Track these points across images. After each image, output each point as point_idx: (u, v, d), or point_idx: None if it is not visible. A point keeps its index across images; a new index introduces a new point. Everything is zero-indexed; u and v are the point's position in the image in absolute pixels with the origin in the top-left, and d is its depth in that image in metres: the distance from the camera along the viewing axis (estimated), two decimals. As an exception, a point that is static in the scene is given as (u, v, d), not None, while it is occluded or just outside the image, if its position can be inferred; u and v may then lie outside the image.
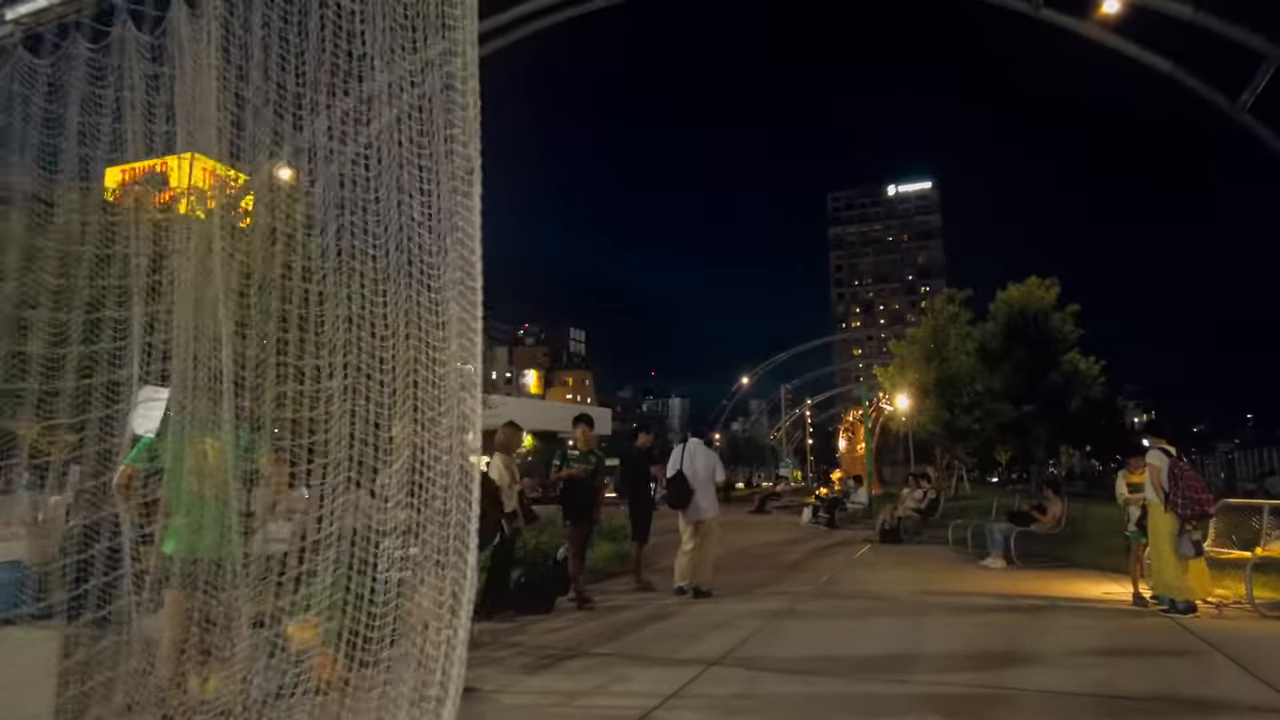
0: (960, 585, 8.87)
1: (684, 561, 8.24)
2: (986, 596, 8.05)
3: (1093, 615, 7.02)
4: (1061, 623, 6.67)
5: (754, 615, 7.07)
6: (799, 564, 11.18)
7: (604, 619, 7.03)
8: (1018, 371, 19.05)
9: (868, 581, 9.33)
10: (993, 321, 20.40)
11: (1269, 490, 24.74)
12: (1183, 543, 6.68)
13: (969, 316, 24.71)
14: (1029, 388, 19.07)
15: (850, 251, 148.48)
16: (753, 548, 13.58)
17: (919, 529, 14.98)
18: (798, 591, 8.52)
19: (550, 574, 7.72)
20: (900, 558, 11.76)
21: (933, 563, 11.11)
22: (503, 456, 7.17)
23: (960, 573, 9.99)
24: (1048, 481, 11.46)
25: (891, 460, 54.99)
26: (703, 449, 8.48)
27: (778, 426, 79.53)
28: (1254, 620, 6.66)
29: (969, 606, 7.51)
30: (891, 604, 7.77)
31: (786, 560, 11.65)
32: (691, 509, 8.25)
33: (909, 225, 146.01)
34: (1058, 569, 10.08)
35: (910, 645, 5.92)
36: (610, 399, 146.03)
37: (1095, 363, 20.05)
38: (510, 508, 6.99)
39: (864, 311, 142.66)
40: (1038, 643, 5.96)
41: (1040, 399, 19.33)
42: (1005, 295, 20.16)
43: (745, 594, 8.41)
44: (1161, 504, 6.83)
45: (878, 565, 10.96)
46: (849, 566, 10.84)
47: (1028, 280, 19.97)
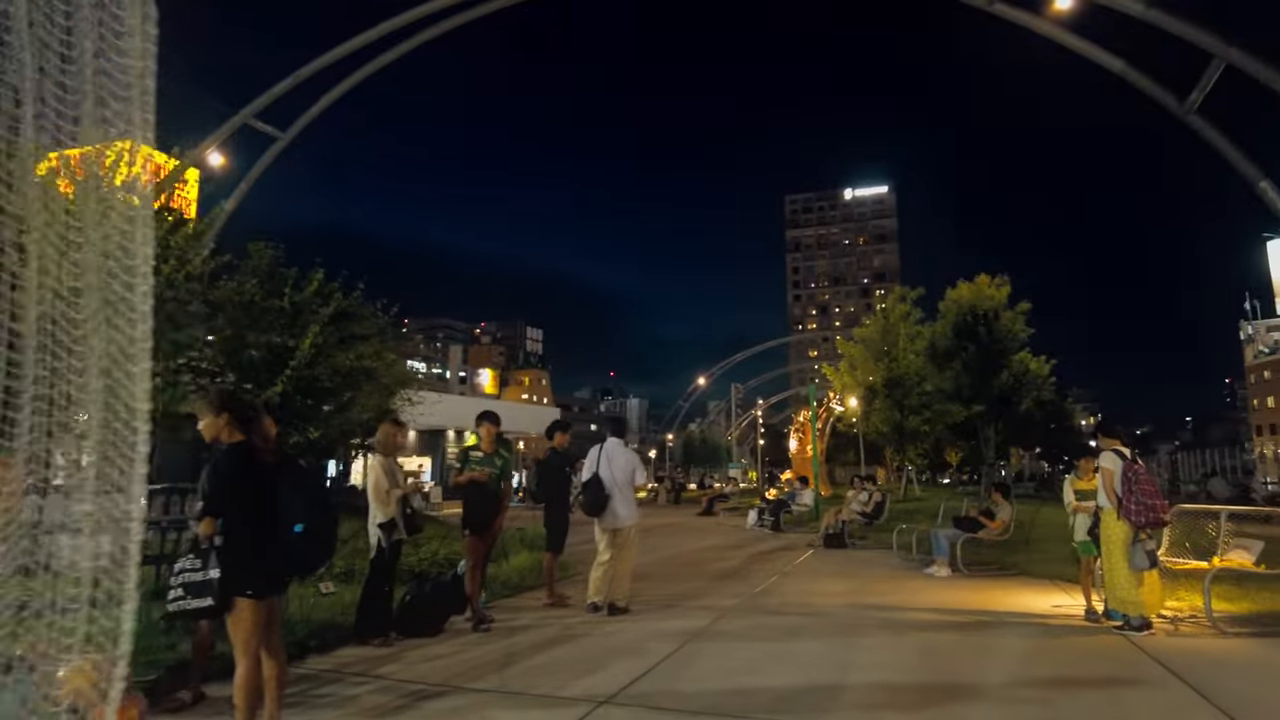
0: (902, 597, 8.19)
1: (598, 574, 7.41)
2: (929, 611, 7.37)
3: (1042, 634, 6.36)
4: (1008, 644, 6.00)
5: (669, 636, 6.28)
6: (734, 572, 10.44)
7: (498, 643, 6.16)
8: (967, 371, 18.65)
9: (804, 593, 8.61)
10: (942, 320, 20.00)
11: (1210, 492, 24.86)
12: (1136, 553, 6.06)
13: (919, 315, 24.36)
14: (979, 388, 18.70)
15: (807, 254, 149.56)
16: (690, 553, 12.83)
17: (864, 533, 14.41)
18: (725, 606, 7.75)
19: (444, 591, 6.83)
20: (842, 565, 11.11)
21: (875, 570, 10.46)
22: (383, 459, 6.25)
23: (903, 582, 9.34)
24: (995, 485, 10.88)
25: (843, 461, 54.96)
26: (621, 450, 7.65)
27: (732, 428, 79.40)
28: (1213, 638, 6.07)
29: (909, 624, 6.82)
30: (825, 621, 7.04)
31: (722, 567, 10.91)
32: (608, 516, 7.42)
33: (865, 229, 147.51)
34: (1005, 578, 9.50)
35: (838, 674, 5.18)
36: (569, 399, 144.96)
37: (1046, 362, 19.78)
38: (387, 516, 6.08)
39: (820, 314, 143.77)
40: (981, 669, 5.26)
41: (990, 399, 18.98)
42: (955, 293, 19.77)
43: (667, 609, 7.62)
44: (1115, 511, 6.21)
45: (817, 573, 10.27)
46: (786, 575, 10.13)
47: (977, 278, 19.62)
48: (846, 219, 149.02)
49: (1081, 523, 6.93)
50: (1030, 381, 19.30)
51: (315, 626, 6.11)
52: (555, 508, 8.16)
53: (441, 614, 6.71)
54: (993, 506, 10.36)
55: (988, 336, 18.49)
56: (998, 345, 18.58)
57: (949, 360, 19.22)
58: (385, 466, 6.20)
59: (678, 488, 33.56)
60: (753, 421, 69.45)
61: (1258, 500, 24.05)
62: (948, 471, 51.34)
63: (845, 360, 26.57)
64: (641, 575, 9.91)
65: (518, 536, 11.09)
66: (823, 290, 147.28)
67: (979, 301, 18.90)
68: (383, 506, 6.10)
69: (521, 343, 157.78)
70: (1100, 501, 6.42)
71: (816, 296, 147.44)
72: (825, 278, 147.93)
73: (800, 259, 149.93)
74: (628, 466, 7.51)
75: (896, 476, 32.82)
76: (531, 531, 11.13)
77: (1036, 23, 14.11)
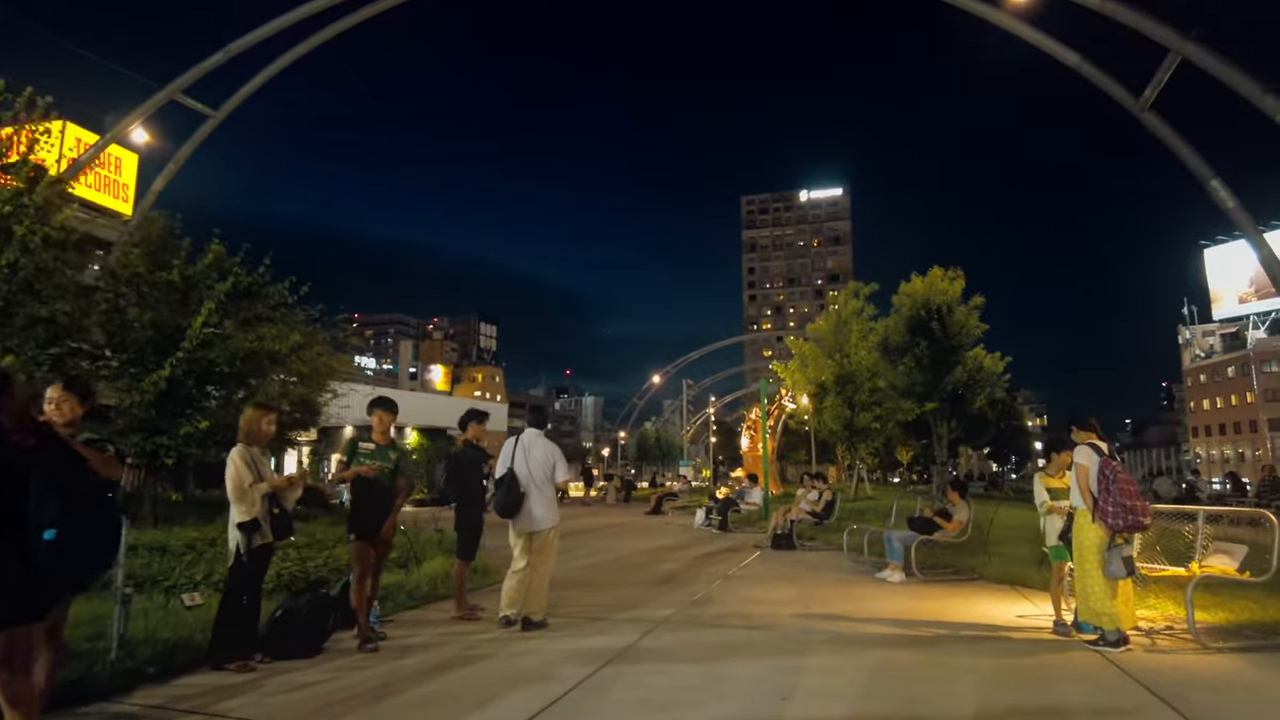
0: (852, 606, 7.43)
1: (512, 585, 6.49)
2: (882, 623, 6.61)
3: (1008, 651, 5.62)
4: (971, 665, 5.24)
5: (586, 658, 5.39)
6: (674, 577, 9.59)
7: (380, 667, 5.20)
8: (920, 367, 18.12)
9: (746, 602, 7.80)
10: (895, 315, 19.44)
11: (1157, 491, 24.82)
12: (1112, 560, 5.36)
13: (872, 312, 23.87)
14: (932, 384, 18.18)
15: (763, 254, 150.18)
16: (631, 555, 11.96)
17: (814, 533, 13.72)
18: (658, 618, 6.89)
19: (325, 605, 5.85)
20: (789, 568, 10.36)
21: (824, 575, 9.73)
22: (243, 448, 5.24)
23: (854, 588, 8.60)
24: (952, 484, 10.20)
25: (796, 460, 54.74)
26: (541, 442, 6.73)
27: (684, 426, 78.88)
28: (1197, 654, 5.40)
29: (860, 639, 6.03)
30: (767, 635, 6.23)
31: (662, 571, 10.05)
32: (523, 518, 6.51)
33: (820, 231, 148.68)
34: (963, 583, 8.83)
35: (775, 706, 4.34)
36: (523, 396, 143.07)
37: (1000, 359, 19.36)
38: (248, 515, 5.08)
39: (775, 314, 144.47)
40: (943, 696, 4.48)
41: (943, 396, 18.48)
42: (908, 288, 19.20)
43: (591, 622, 6.74)
44: (1090, 513, 5.51)
45: (763, 578, 9.48)
46: (729, 580, 9.32)
47: (931, 272, 19.10)
48: (802, 220, 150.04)
49: (1054, 525, 6.23)
50: (984, 378, 18.88)
51: (162, 647, 5.07)
52: (467, 509, 7.20)
53: (321, 632, 5.73)
54: (949, 507, 9.69)
55: (941, 332, 17.99)
56: (951, 341, 18.09)
57: (901, 356, 18.68)
58: (245, 456, 5.19)
59: (627, 486, 32.72)
60: (708, 420, 69.02)
61: (1203, 499, 24.09)
62: (898, 470, 51.50)
63: (797, 358, 25.95)
64: (573, 582, 9.04)
65: (437, 539, 10.09)
66: (778, 290, 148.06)
67: (932, 296, 18.38)
68: (242, 504, 5.09)
69: (475, 339, 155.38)
70: (1074, 502, 5.71)
71: (772, 297, 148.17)
72: (780, 278, 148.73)
73: (756, 259, 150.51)
74: (546, 461, 6.59)
75: (848, 475, 32.41)
76: (452, 535, 10.15)
77: (995, 15, 13.63)
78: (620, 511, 25.59)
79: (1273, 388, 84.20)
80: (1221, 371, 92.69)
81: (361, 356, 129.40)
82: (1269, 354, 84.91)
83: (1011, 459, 71.38)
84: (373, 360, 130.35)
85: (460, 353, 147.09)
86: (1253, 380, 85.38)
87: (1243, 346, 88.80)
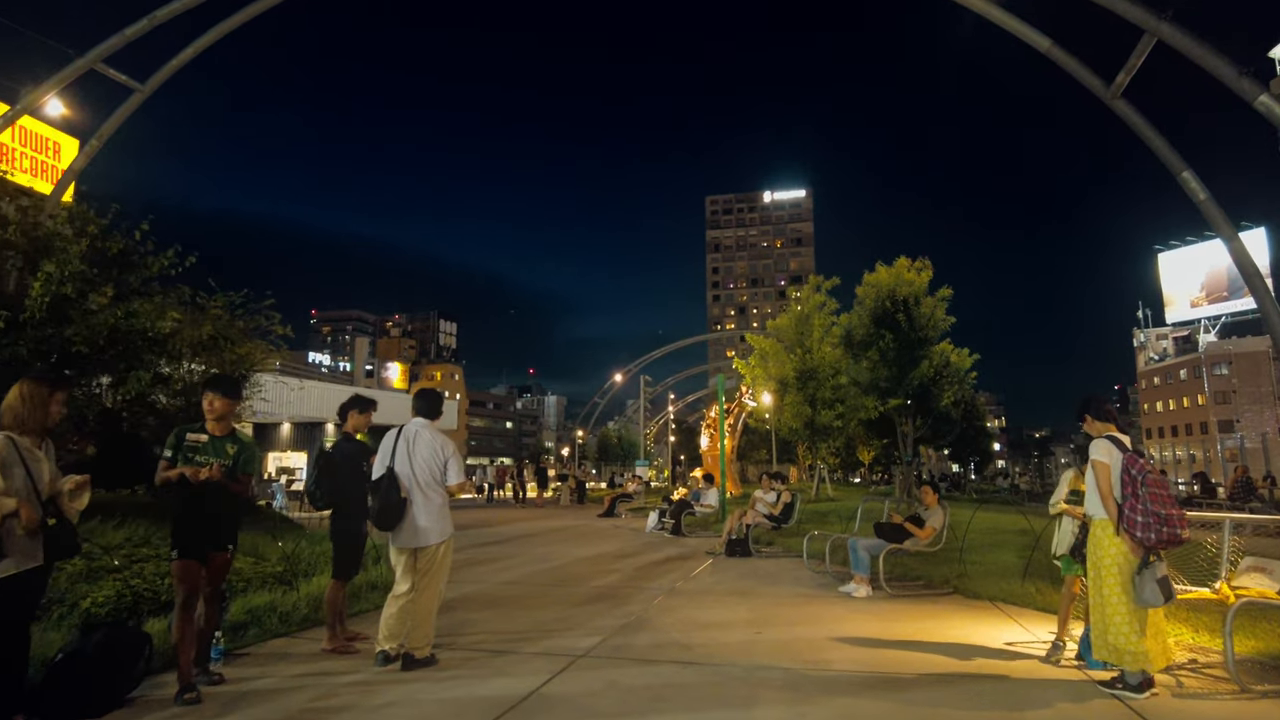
0: (812, 630, 6.27)
1: (392, 612, 5.19)
2: (846, 655, 5.44)
3: (1007, 698, 4.47)
4: (961, 718, 4.09)
5: (471, 712, 4.13)
6: (610, 592, 8.34)
7: (186, 734, 3.89)
8: (885, 362, 17.12)
9: (688, 625, 6.58)
10: (860, 307, 18.39)
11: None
12: (1144, 585, 4.25)
13: (835, 307, 22.88)
14: (897, 379, 17.19)
15: (727, 255, 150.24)
16: (567, 565, 10.69)
17: (771, 538, 12.60)
18: (578, 649, 5.64)
19: (130, 643, 4.51)
20: (742, 579, 9.18)
21: (782, 588, 8.57)
22: (5, 438, 3.86)
23: (815, 606, 7.44)
24: (926, 483, 9.08)
25: (756, 460, 53.83)
26: (428, 434, 5.44)
27: (643, 424, 77.75)
28: (1237, 699, 4.32)
29: (820, 680, 4.85)
30: (706, 675, 5.02)
31: (598, 586, 8.80)
32: (405, 530, 5.21)
33: (783, 232, 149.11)
34: (938, 598, 7.73)
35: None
36: (484, 395, 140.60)
37: (969, 355, 18.41)
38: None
39: (738, 314, 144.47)
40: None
41: (909, 392, 17.50)
42: (873, 278, 18.14)
43: (494, 657, 5.46)
44: (1112, 523, 4.39)
45: (711, 593, 8.28)
46: (673, 596, 8.11)
47: (897, 262, 18.10)
48: (765, 221, 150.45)
49: (1067, 530, 5.10)
50: (951, 374, 17.94)
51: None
52: (344, 517, 5.88)
53: (123, 679, 4.39)
54: (921, 511, 8.59)
55: (908, 324, 17.00)
56: (918, 334, 17.11)
57: (865, 350, 17.66)
58: (6, 449, 3.82)
59: (581, 487, 31.39)
60: (676, 424, 67.94)
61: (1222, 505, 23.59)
62: (858, 470, 50.82)
63: (757, 353, 24.88)
64: (491, 600, 7.77)
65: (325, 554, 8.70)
66: (741, 291, 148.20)
67: (898, 286, 17.39)
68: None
69: (434, 336, 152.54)
70: (1090, 509, 4.59)
71: (736, 297, 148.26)
72: (744, 279, 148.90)
73: (720, 259, 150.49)
74: (435, 458, 5.30)
75: (809, 475, 31.49)
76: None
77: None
78: (573, 514, 24.30)
79: (1222, 390, 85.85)
80: (1174, 374, 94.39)
81: (317, 353, 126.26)
82: (1219, 357, 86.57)
83: (971, 461, 71.42)
84: (327, 357, 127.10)
85: (419, 350, 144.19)
86: (1204, 383, 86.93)
87: (1194, 349, 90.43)
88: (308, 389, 26.94)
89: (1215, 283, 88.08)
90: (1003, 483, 48.98)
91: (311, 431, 28.31)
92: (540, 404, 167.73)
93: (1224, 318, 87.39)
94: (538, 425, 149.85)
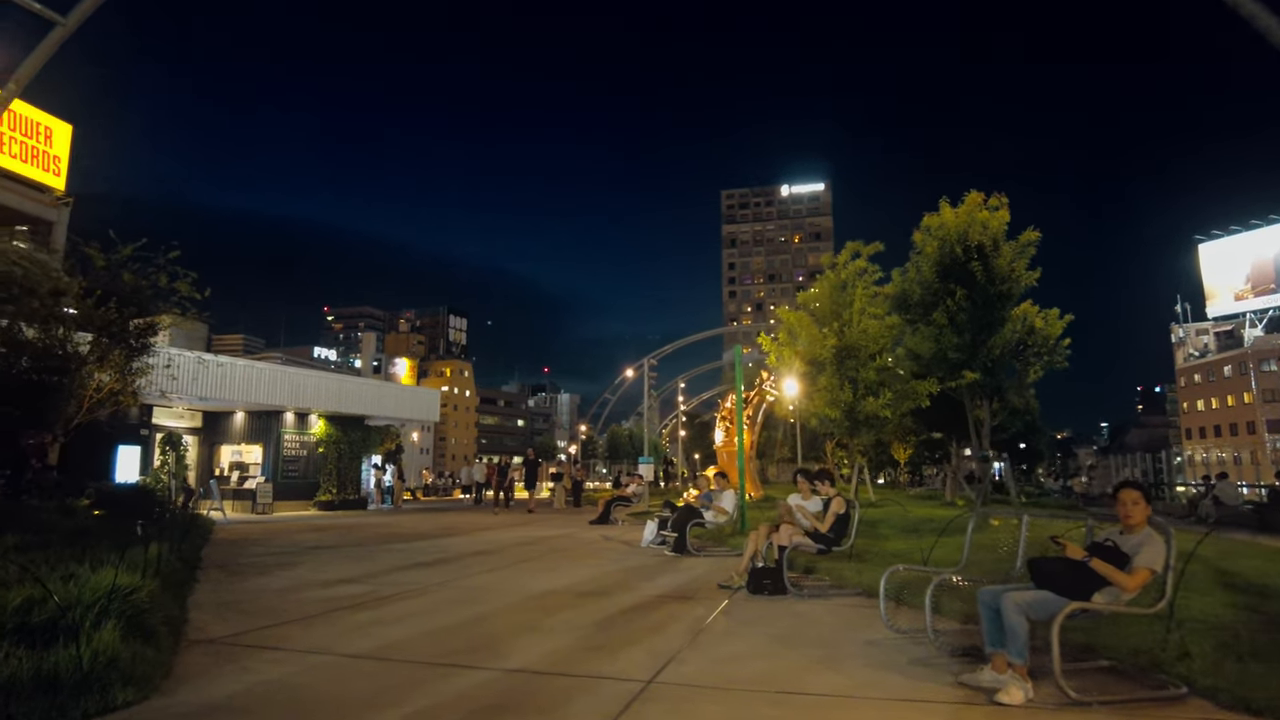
0: None
1: None
2: None
3: None
4: None
5: None
6: (532, 690, 4.48)
7: None
8: (954, 326, 13.09)
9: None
10: (918, 258, 14.21)
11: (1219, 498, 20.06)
12: None
13: (878, 273, 18.80)
14: (970, 349, 13.16)
15: (743, 250, 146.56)
16: (497, 614, 6.82)
17: (811, 561, 8.73)
18: None
19: None
20: (779, 650, 5.32)
21: (851, 672, 4.69)
22: None
23: None
24: (1127, 487, 4.91)
25: (777, 458, 49.42)
26: None
27: (663, 423, 73.86)
28: None
29: None
30: None
31: (517, 666, 4.92)
32: None
33: (801, 226, 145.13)
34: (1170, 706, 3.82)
35: None
36: (495, 393, 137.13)
37: (1059, 317, 14.10)
38: None
39: (755, 310, 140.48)
40: None
41: (987, 365, 13.44)
42: (934, 219, 13.85)
43: None
44: None
45: (726, 688, 4.41)
46: (650, 700, 4.24)
47: (967, 197, 13.88)
48: (783, 215, 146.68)
49: None
50: (1037, 343, 13.78)
51: None
52: None
53: None
54: (1119, 536, 4.64)
55: (984, 276, 12.94)
56: (997, 288, 13.03)
57: (927, 313, 13.63)
58: None
59: (577, 488, 27.57)
60: (689, 418, 63.92)
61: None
62: (883, 470, 45.58)
63: (783, 330, 20.81)
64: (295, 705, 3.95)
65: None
66: (758, 286, 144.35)
67: (970, 229, 13.27)
68: None
69: (443, 332, 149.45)
70: None
71: (752, 293, 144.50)
72: (761, 274, 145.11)
73: (736, 255, 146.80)
74: None
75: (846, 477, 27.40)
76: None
77: None
78: (562, 519, 20.49)
79: (1271, 387, 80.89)
80: (1216, 371, 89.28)
81: (325, 349, 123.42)
82: (1268, 353, 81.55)
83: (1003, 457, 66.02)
84: (334, 353, 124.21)
85: (428, 347, 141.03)
86: (1251, 380, 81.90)
87: (1239, 345, 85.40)
88: (260, 372, 23.27)
89: (1262, 274, 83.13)
90: (1051, 484, 44.37)
91: (268, 421, 24.62)
92: (553, 402, 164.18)
93: (1271, 311, 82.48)
94: (550, 424, 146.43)
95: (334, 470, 25.86)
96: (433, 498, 42.98)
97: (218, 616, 6.25)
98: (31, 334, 12.49)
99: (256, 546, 12.29)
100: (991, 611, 4.49)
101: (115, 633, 4.18)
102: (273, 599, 7.19)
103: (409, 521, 19.24)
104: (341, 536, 14.35)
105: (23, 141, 28.03)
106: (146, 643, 4.49)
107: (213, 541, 12.78)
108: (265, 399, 23.05)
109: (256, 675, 4.45)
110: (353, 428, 26.77)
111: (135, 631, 4.51)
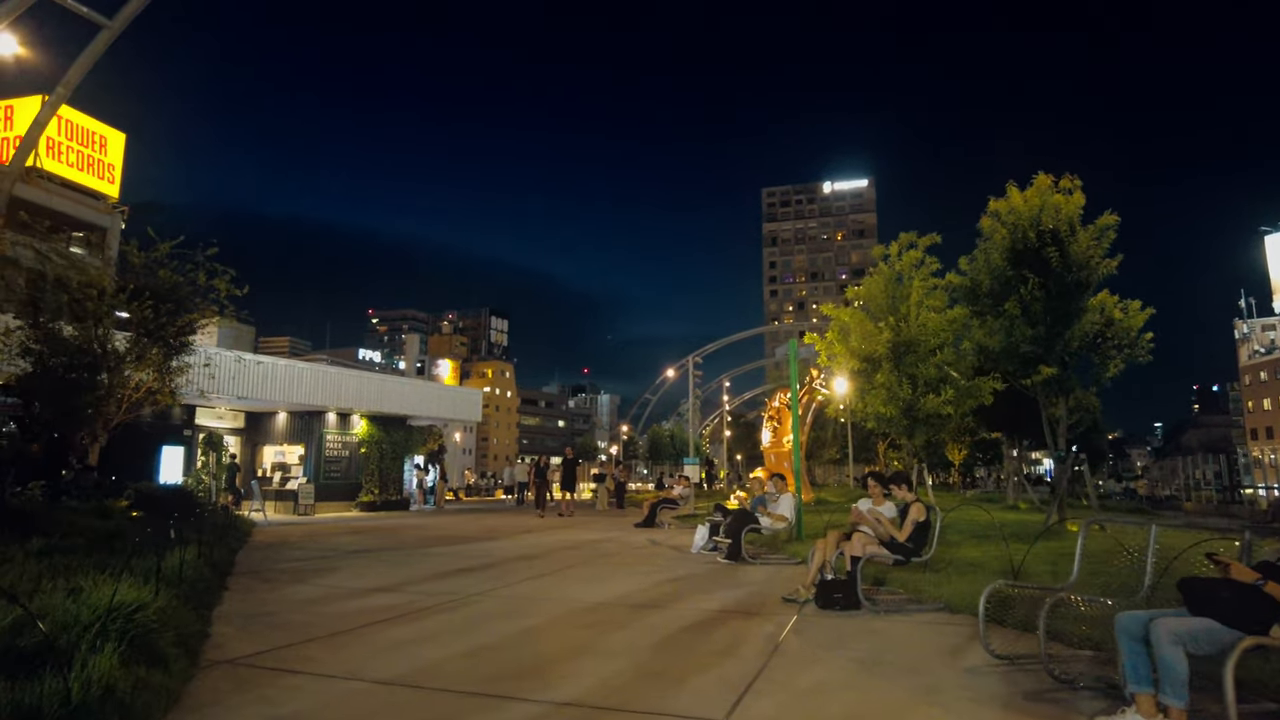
0: None
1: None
2: None
3: None
4: None
5: None
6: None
7: None
8: (1028, 317, 12.13)
9: None
10: (986, 245, 13.26)
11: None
12: None
13: (936, 265, 17.83)
14: (1046, 341, 12.21)
15: (784, 248, 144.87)
16: (547, 627, 6.24)
17: (881, 574, 7.97)
18: None
19: None
20: (863, 679, 4.62)
21: (961, 705, 3.98)
22: None
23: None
24: None
25: (824, 459, 48.17)
26: None
27: (705, 423, 72.91)
28: None
29: None
30: None
31: (573, 694, 4.31)
32: None
33: (844, 224, 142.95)
34: None
35: None
36: (536, 394, 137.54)
37: (1140, 309, 13.04)
38: None
39: (796, 309, 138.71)
40: None
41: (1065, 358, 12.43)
42: (1002, 204, 12.83)
43: None
44: None
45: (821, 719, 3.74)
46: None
47: (1036, 180, 12.86)
48: (825, 213, 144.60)
49: None
50: (1117, 336, 12.75)
51: None
52: None
53: None
54: (1279, 552, 3.87)
55: (1060, 263, 11.99)
56: (1074, 275, 12.05)
57: (998, 304, 12.70)
58: None
59: (620, 489, 26.99)
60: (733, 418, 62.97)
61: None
62: (933, 472, 44.14)
63: (835, 326, 19.92)
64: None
65: None
66: (800, 285, 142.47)
67: (1043, 212, 12.31)
68: None
69: (485, 334, 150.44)
70: None
71: (794, 292, 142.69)
72: (802, 272, 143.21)
73: (777, 253, 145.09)
74: None
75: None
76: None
77: None
78: (606, 521, 19.92)
79: (1346, 385, 76.90)
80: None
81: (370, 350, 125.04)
82: (1341, 349, 77.57)
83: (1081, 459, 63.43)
84: (378, 355, 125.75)
85: (470, 348, 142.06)
86: (1324, 377, 78.07)
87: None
88: (301, 372, 23.14)
89: (1335, 266, 79.11)
90: (1114, 486, 42.46)
91: (310, 421, 24.49)
92: (593, 403, 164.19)
93: (1346, 305, 78.51)
94: (590, 425, 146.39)
95: (376, 471, 25.67)
96: (475, 498, 42.86)
97: (242, 630, 5.76)
98: (70, 331, 12.33)
99: (294, 550, 11.91)
100: (1135, 642, 3.74)
101: (113, 658, 3.66)
102: (304, 610, 6.70)
103: (451, 523, 18.84)
104: (382, 540, 13.94)
105: (79, 150, 28.54)
106: (154, 667, 3.98)
107: (250, 544, 12.46)
108: (306, 399, 22.91)
109: (273, 708, 3.89)
110: (395, 428, 26.56)
111: (141, 655, 4.00)
